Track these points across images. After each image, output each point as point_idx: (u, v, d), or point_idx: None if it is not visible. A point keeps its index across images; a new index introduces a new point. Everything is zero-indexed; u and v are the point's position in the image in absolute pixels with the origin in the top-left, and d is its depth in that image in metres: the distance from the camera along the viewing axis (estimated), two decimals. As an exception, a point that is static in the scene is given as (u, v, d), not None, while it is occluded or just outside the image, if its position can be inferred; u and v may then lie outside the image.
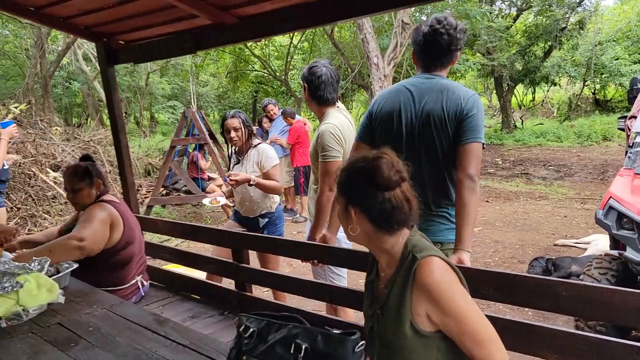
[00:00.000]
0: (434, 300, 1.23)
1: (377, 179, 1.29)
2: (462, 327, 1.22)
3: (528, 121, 18.18)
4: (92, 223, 2.49)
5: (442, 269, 1.26)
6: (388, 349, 1.32)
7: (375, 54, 9.11)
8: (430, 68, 2.07)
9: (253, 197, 3.25)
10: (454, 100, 1.94)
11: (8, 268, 2.16)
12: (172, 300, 2.94)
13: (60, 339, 1.81)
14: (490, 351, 1.23)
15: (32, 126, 8.75)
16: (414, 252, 1.30)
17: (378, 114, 2.12)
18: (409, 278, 1.27)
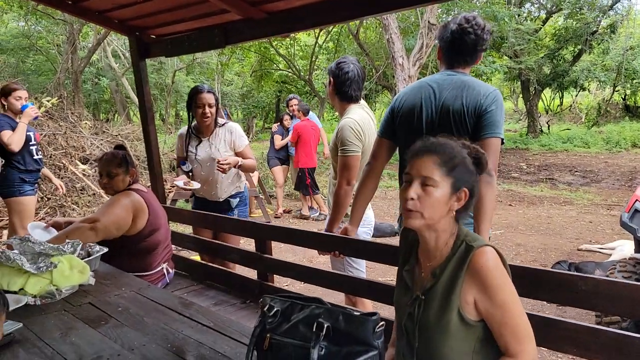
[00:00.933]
0: (485, 288, 1.26)
1: (482, 165, 1.38)
2: (505, 319, 1.26)
3: (555, 126, 17.86)
4: (111, 207, 2.59)
5: (496, 259, 1.29)
6: (429, 335, 1.34)
7: (400, 55, 9.09)
8: (453, 65, 2.09)
9: (224, 179, 3.17)
10: (474, 96, 1.95)
11: (43, 249, 2.26)
12: (195, 288, 3.01)
13: (91, 317, 1.89)
14: (524, 346, 1.27)
15: (63, 119, 9.01)
16: (468, 241, 1.33)
17: (399, 110, 2.15)
18: (463, 265, 1.29)
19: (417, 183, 1.32)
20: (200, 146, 3.17)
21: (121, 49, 16.41)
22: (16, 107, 3.94)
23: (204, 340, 1.68)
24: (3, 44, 15.80)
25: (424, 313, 1.35)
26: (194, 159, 3.16)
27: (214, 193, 3.22)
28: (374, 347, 1.18)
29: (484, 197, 1.83)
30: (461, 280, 1.29)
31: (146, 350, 1.60)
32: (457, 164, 1.33)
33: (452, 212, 1.35)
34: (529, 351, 1.27)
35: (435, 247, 1.38)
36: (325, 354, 1.17)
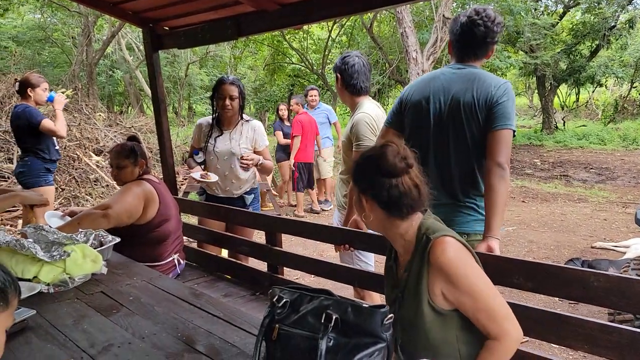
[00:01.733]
0: (448, 279, 1.27)
1: (383, 166, 1.36)
2: (477, 304, 1.26)
3: (570, 122, 17.62)
4: (123, 195, 2.62)
5: (455, 247, 1.30)
6: (410, 330, 1.36)
7: (414, 49, 9.02)
8: (463, 58, 2.06)
9: (241, 175, 3.15)
10: (485, 88, 1.92)
11: (57, 238, 2.29)
12: (206, 279, 3.03)
13: (103, 306, 1.91)
14: (505, 327, 1.26)
15: (77, 111, 9.10)
16: (428, 233, 1.35)
17: (408, 101, 2.13)
18: (424, 258, 1.32)
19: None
20: (220, 138, 3.12)
21: (135, 42, 16.50)
22: (42, 99, 4.05)
23: (213, 330, 1.69)
24: (19, 36, 15.98)
25: (401, 310, 1.38)
26: (212, 150, 3.12)
27: (228, 189, 3.18)
28: (382, 340, 1.17)
29: (495, 191, 1.82)
30: (425, 273, 1.31)
31: (156, 339, 1.62)
32: (354, 175, 1.42)
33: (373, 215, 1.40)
34: (510, 330, 1.27)
35: (396, 245, 1.43)
36: (333, 345, 1.17)
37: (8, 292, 0.95)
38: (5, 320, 0.96)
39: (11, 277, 0.97)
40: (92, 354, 1.50)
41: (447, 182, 2.02)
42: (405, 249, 1.40)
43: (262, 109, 21.45)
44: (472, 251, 1.34)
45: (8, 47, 14.83)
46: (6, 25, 15.72)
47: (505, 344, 1.27)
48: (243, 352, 1.52)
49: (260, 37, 16.22)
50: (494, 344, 1.28)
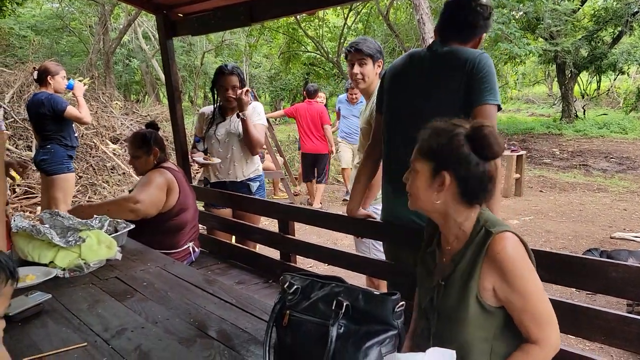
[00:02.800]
0: (504, 275, 1.23)
1: (484, 148, 1.27)
2: (526, 305, 1.23)
3: (591, 111, 17.27)
4: (149, 187, 2.62)
5: (516, 244, 1.26)
6: (448, 321, 1.32)
7: (431, 36, 8.88)
8: (445, 39, 1.92)
9: (242, 156, 3.13)
10: (461, 61, 1.80)
11: (72, 224, 2.31)
12: (219, 266, 3.05)
13: (118, 291, 1.94)
14: (546, 333, 1.24)
15: (94, 99, 9.19)
16: (487, 226, 1.29)
17: (386, 83, 2.06)
18: (481, 252, 1.27)
19: (409, 169, 1.38)
20: (222, 124, 3.15)
21: (151, 31, 16.57)
22: (62, 87, 4.11)
23: (226, 316, 1.70)
24: (38, 25, 16.16)
25: (443, 299, 1.34)
26: (212, 134, 3.13)
27: (231, 172, 3.17)
28: (393, 327, 1.16)
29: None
30: (479, 266, 1.26)
31: (169, 324, 1.63)
32: (436, 148, 1.30)
33: (444, 196, 1.31)
34: (551, 337, 1.24)
35: (449, 232, 1.37)
36: (344, 332, 1.16)
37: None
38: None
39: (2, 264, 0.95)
40: (106, 338, 1.52)
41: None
42: (458, 238, 1.35)
43: (277, 98, 21.45)
44: (529, 248, 1.29)
45: (27, 36, 15.01)
46: (25, 14, 15.89)
47: (543, 350, 1.24)
48: (254, 337, 1.53)
49: (275, 25, 16.14)
50: (532, 348, 1.25)
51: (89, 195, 6.87)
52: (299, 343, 1.24)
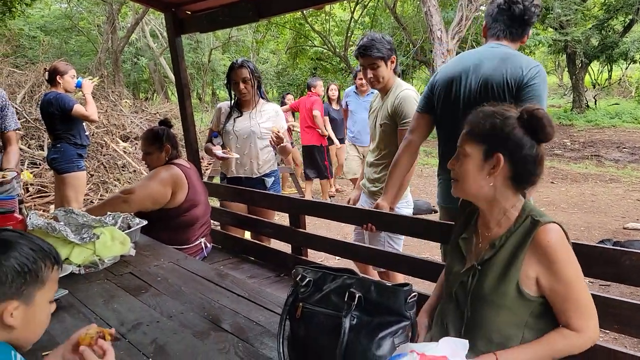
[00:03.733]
0: (551, 264, 1.24)
1: (538, 130, 1.27)
2: (570, 294, 1.24)
3: (602, 101, 17.07)
4: (149, 180, 2.66)
5: (562, 236, 1.26)
6: (482, 305, 1.33)
7: (438, 28, 8.83)
8: (498, 37, 2.00)
9: (260, 155, 3.15)
10: (515, 68, 1.86)
11: (86, 221, 2.35)
12: (231, 261, 3.07)
13: (132, 286, 1.96)
14: (588, 323, 1.25)
15: (104, 98, 9.27)
16: (533, 215, 1.29)
17: (439, 82, 2.10)
18: (526, 240, 1.26)
19: (457, 153, 1.36)
20: (240, 119, 3.15)
21: (159, 29, 16.64)
22: (71, 86, 4.14)
23: (239, 309, 1.72)
24: (47, 25, 16.30)
25: (479, 283, 1.33)
26: (231, 130, 3.14)
27: (248, 168, 3.20)
28: (406, 318, 1.17)
29: None
30: (523, 254, 1.26)
31: (183, 318, 1.65)
32: (489, 131, 1.29)
33: (494, 180, 1.31)
34: (592, 328, 1.26)
35: (492, 218, 1.36)
36: (356, 323, 1.17)
37: (40, 271, 0.96)
38: (45, 295, 0.98)
39: (43, 253, 0.98)
40: (122, 332, 1.54)
41: None
42: (500, 224, 1.34)
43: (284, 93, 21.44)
44: (570, 242, 1.30)
45: (36, 37, 15.15)
46: (34, 15, 16.03)
47: (582, 338, 1.25)
48: (268, 330, 1.55)
49: (282, 20, 16.12)
50: (571, 334, 1.25)
51: (101, 194, 6.94)
52: (312, 335, 1.25)
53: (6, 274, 0.90)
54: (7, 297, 0.91)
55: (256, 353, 1.41)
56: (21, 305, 0.93)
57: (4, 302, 0.91)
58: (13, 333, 0.93)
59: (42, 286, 0.96)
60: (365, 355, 1.14)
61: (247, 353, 1.41)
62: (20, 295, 0.92)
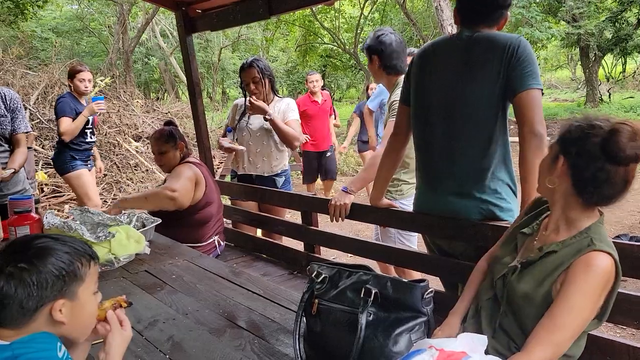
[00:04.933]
0: (569, 279, 1.18)
1: (609, 144, 1.18)
2: (557, 312, 1.17)
3: (616, 94, 16.82)
4: (180, 179, 2.67)
5: (607, 269, 1.19)
6: (514, 305, 1.29)
7: (449, 23, 8.75)
8: (472, 25, 1.81)
9: (273, 153, 3.14)
10: (501, 47, 1.69)
11: (102, 220, 2.37)
12: (244, 259, 3.09)
13: (148, 284, 1.98)
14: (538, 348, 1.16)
15: (116, 98, 9.34)
16: (594, 238, 1.22)
17: (413, 72, 1.96)
18: (575, 257, 1.20)
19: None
20: (254, 116, 3.13)
21: (169, 28, 16.73)
22: (80, 89, 4.09)
23: (254, 306, 1.73)
24: (59, 27, 16.47)
25: (515, 283, 1.29)
26: (244, 126, 3.14)
27: (259, 166, 3.19)
28: (422, 314, 1.16)
29: (533, 166, 1.59)
30: (564, 269, 1.21)
31: (199, 315, 1.67)
32: (568, 135, 1.25)
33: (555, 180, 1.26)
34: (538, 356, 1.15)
35: (552, 221, 1.31)
36: (373, 320, 1.17)
37: (78, 270, 1.02)
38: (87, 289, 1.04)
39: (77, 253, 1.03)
40: (139, 330, 1.56)
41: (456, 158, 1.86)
42: (558, 232, 1.29)
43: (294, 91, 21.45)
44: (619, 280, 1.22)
45: (49, 39, 15.31)
46: (46, 17, 16.21)
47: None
48: (283, 327, 1.55)
49: (291, 18, 16.12)
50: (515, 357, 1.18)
51: (114, 193, 7.00)
52: (328, 331, 1.25)
53: (46, 280, 0.96)
54: (52, 298, 0.97)
55: (272, 349, 1.42)
56: (67, 302, 0.99)
57: (51, 302, 0.97)
58: (64, 328, 1.00)
59: (82, 282, 1.02)
60: (382, 352, 1.13)
61: (263, 350, 1.42)
62: (65, 294, 0.99)
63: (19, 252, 0.98)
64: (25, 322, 0.96)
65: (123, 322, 1.13)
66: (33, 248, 0.99)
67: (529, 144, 1.63)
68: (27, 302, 0.94)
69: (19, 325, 0.95)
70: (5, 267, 0.95)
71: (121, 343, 1.09)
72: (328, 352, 1.24)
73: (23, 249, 0.99)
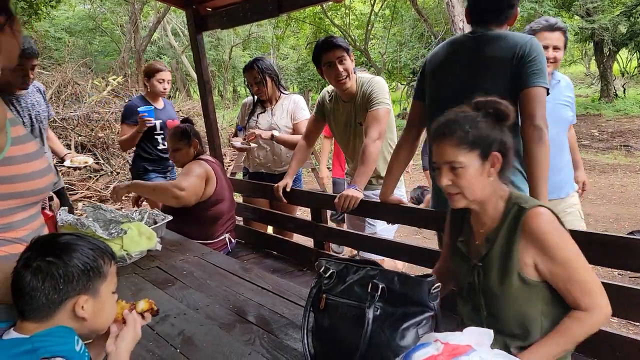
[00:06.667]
0: (545, 249, 1.23)
1: (507, 119, 1.31)
2: (571, 275, 1.23)
3: (631, 89, 16.54)
4: (190, 176, 2.70)
5: (551, 218, 1.26)
6: (494, 300, 1.32)
7: (460, 19, 8.68)
8: (482, 24, 1.88)
9: (282, 150, 3.16)
10: (511, 46, 1.77)
11: (114, 217, 2.41)
12: (254, 256, 3.11)
13: (159, 280, 2.01)
14: (598, 301, 1.22)
15: (128, 97, 9.43)
16: (519, 203, 1.30)
17: (428, 70, 2.03)
18: (517, 228, 1.27)
19: (445, 169, 1.31)
20: (263, 115, 3.19)
21: (180, 27, 16.82)
22: (158, 90, 3.58)
23: (263, 302, 1.74)
24: (71, 26, 16.65)
25: (485, 280, 1.33)
26: (255, 126, 3.17)
27: (270, 165, 3.23)
28: (429, 308, 1.17)
29: (537, 157, 1.68)
30: (517, 243, 1.26)
31: (210, 310, 1.69)
32: (474, 134, 1.28)
33: (493, 178, 1.31)
34: (604, 305, 1.23)
35: (485, 214, 1.35)
36: (380, 314, 1.18)
37: (101, 267, 1.06)
38: (108, 287, 1.08)
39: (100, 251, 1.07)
40: (150, 324, 1.57)
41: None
42: (492, 218, 1.34)
43: (305, 89, 21.46)
44: (562, 222, 1.29)
45: (62, 38, 15.49)
46: (59, 17, 16.39)
47: (595, 316, 1.23)
48: (292, 322, 1.56)
49: (301, 15, 16.11)
50: (583, 315, 1.23)
51: (127, 190, 7.08)
52: (336, 326, 1.26)
53: (72, 273, 1.00)
54: (77, 292, 1.00)
55: (281, 344, 1.43)
56: (90, 299, 1.02)
57: (75, 297, 1.00)
58: (84, 325, 1.03)
59: (104, 280, 1.06)
60: (389, 346, 1.14)
61: (272, 344, 1.43)
62: (88, 289, 1.02)
63: (46, 248, 1.01)
64: (48, 316, 0.99)
65: (136, 322, 1.16)
66: (58, 244, 1.02)
67: (531, 137, 1.70)
68: (53, 295, 0.98)
69: (42, 319, 0.98)
70: (33, 261, 0.98)
71: (131, 341, 1.12)
72: (336, 347, 1.25)
73: (49, 245, 1.02)
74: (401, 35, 16.73)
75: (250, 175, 3.35)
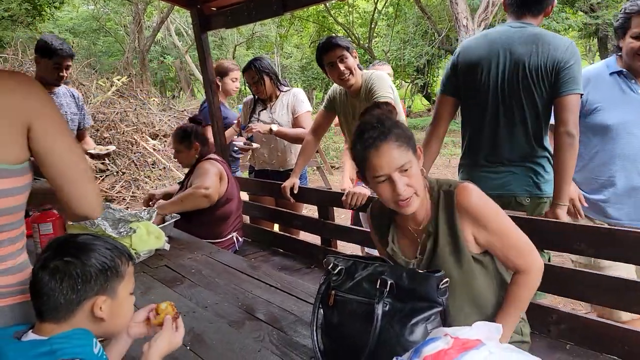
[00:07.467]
0: (478, 221, 1.31)
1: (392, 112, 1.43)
2: (506, 242, 1.31)
3: (636, 85, 16.46)
4: (209, 175, 2.72)
5: (478, 191, 1.33)
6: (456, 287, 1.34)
7: (464, 16, 8.70)
8: (520, 16, 1.96)
9: (286, 147, 3.18)
10: (551, 50, 1.83)
11: (123, 216, 2.42)
12: (262, 254, 3.12)
13: (168, 278, 2.02)
14: (531, 259, 1.31)
15: (133, 97, 9.46)
16: (442, 187, 1.37)
17: (462, 65, 2.04)
18: (453, 209, 1.32)
19: (397, 175, 1.26)
20: (264, 112, 3.22)
21: (184, 27, 16.85)
22: (231, 89, 3.57)
23: (272, 299, 1.75)
24: (75, 27, 16.72)
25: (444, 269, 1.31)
26: (257, 124, 3.19)
27: (274, 162, 3.24)
28: (438, 304, 1.17)
29: (564, 160, 1.79)
30: (457, 222, 1.32)
31: (218, 308, 1.70)
32: (403, 131, 1.32)
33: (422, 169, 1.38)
34: (536, 261, 1.31)
35: (421, 210, 1.38)
36: (389, 310, 1.19)
37: (119, 267, 1.05)
38: (125, 288, 1.07)
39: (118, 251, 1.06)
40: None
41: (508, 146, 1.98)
42: (426, 210, 1.38)
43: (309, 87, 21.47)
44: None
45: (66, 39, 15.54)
46: (63, 17, 16.47)
47: (532, 274, 1.30)
48: (301, 319, 1.58)
49: (305, 14, 16.13)
50: (523, 277, 1.30)
51: (132, 191, 7.12)
52: (345, 322, 1.27)
53: (90, 273, 0.99)
54: (95, 292, 1.00)
55: (290, 341, 1.44)
56: (108, 299, 1.02)
57: (93, 297, 1.00)
58: (102, 326, 1.03)
59: (122, 280, 1.05)
60: (398, 341, 1.15)
61: (282, 341, 1.45)
62: (106, 290, 1.02)
63: (63, 248, 1.01)
64: (66, 316, 0.98)
65: (179, 329, 1.17)
66: (76, 244, 1.02)
67: (563, 142, 1.80)
68: (71, 295, 0.97)
69: (60, 320, 0.98)
70: (50, 262, 0.98)
71: (166, 345, 1.11)
72: (345, 343, 1.26)
73: (66, 245, 1.02)
74: (405, 32, 16.71)
75: (256, 173, 3.37)
